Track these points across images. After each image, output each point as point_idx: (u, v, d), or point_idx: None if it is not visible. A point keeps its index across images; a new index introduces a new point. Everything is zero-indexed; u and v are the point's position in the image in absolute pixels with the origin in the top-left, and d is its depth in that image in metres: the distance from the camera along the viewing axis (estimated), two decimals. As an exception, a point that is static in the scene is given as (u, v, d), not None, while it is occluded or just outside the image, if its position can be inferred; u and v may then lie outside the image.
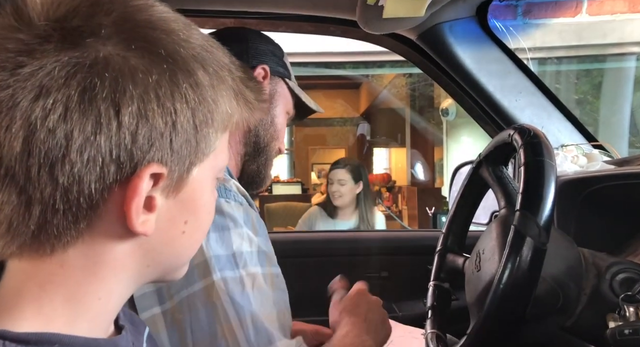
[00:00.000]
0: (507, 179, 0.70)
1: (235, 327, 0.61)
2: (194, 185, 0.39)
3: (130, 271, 0.39)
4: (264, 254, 0.68)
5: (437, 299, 0.75)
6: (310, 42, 2.88)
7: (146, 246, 0.38)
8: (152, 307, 0.63)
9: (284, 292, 0.71)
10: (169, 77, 0.35)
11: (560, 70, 3.31)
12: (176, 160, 0.37)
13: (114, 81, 0.33)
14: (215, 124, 0.38)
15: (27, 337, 0.33)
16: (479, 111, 1.18)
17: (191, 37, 0.38)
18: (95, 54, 0.33)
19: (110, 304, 0.39)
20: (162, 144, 0.35)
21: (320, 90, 6.36)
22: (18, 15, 0.34)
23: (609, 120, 3.19)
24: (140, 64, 0.34)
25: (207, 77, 0.38)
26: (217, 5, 1.04)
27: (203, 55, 0.38)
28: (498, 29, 1.17)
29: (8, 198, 0.33)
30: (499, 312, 0.53)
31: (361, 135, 7.18)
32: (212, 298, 0.62)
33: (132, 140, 0.34)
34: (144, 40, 0.35)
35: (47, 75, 0.32)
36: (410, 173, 6.07)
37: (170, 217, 0.39)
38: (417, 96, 5.79)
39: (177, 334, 0.62)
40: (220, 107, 0.39)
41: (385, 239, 1.56)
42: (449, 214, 0.80)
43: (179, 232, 0.40)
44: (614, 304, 0.55)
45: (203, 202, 0.41)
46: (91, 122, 0.33)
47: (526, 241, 0.52)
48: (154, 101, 0.35)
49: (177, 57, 0.36)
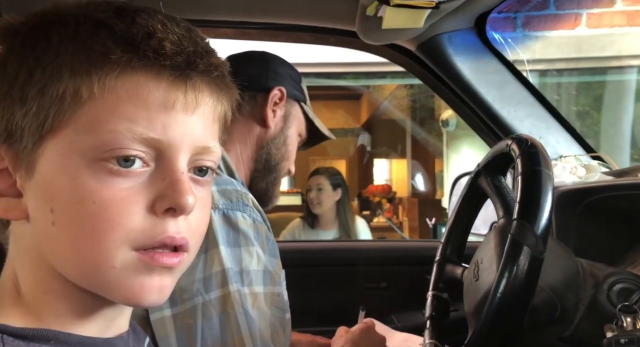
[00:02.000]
0: (505, 189, 0.70)
1: (245, 338, 0.63)
2: (46, 166, 0.35)
3: (28, 253, 0.37)
4: (269, 273, 0.70)
5: (436, 309, 0.75)
6: (311, 53, 2.90)
7: (30, 230, 0.37)
8: (163, 309, 0.64)
9: (282, 311, 0.73)
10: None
11: (559, 82, 3.32)
12: (17, 135, 0.35)
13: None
14: (66, 89, 0.34)
15: (24, 333, 0.34)
16: (478, 122, 1.19)
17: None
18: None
19: (53, 301, 0.37)
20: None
21: (321, 101, 6.38)
22: None
23: (609, 133, 3.20)
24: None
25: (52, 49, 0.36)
26: (217, 15, 1.05)
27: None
28: (497, 40, 1.17)
29: None
30: (496, 321, 0.53)
31: (362, 146, 7.19)
32: (227, 308, 0.64)
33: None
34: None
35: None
36: (410, 184, 6.06)
37: (35, 204, 0.36)
38: (418, 107, 5.81)
39: (186, 339, 0.63)
40: (66, 69, 0.35)
41: (384, 249, 1.55)
42: (448, 224, 0.80)
43: (48, 223, 0.35)
44: (611, 314, 0.55)
45: (68, 189, 0.35)
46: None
47: (523, 250, 0.51)
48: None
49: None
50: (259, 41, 1.02)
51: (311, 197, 2.31)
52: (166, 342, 0.63)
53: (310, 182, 2.36)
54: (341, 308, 0.93)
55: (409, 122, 6.13)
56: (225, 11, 1.04)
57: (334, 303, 1.34)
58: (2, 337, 0.33)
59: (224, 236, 0.67)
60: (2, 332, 0.33)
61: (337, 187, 2.34)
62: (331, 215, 2.32)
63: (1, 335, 0.33)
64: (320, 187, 2.30)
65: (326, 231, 2.32)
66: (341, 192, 2.33)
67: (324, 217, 2.31)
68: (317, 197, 2.29)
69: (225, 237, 0.67)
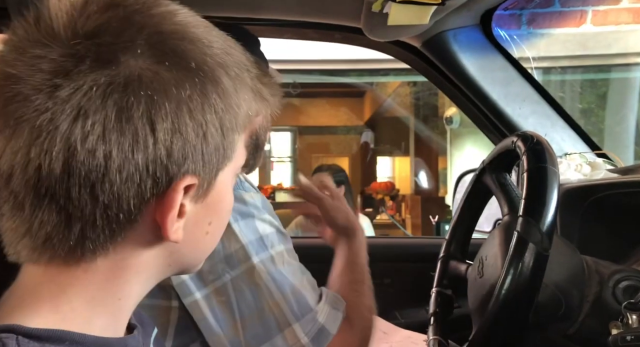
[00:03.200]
0: (510, 186, 0.70)
1: (280, 302, 0.68)
2: (219, 188, 0.40)
3: (153, 271, 0.40)
4: (281, 233, 0.75)
5: (440, 305, 0.75)
6: (315, 50, 2.89)
7: (171, 249, 0.39)
8: (193, 293, 0.68)
9: (297, 259, 0.79)
10: (199, 90, 0.36)
11: (564, 79, 3.31)
12: (207, 169, 0.37)
13: (149, 99, 0.34)
14: (238, 127, 0.39)
15: (39, 333, 0.34)
16: (482, 119, 1.19)
17: (213, 42, 0.38)
18: (130, 71, 0.33)
19: (128, 303, 0.39)
20: (194, 155, 0.36)
21: (325, 98, 6.38)
22: (43, 29, 0.34)
23: (614, 130, 3.19)
24: (172, 78, 0.35)
25: (231, 82, 0.38)
26: (222, 12, 1.05)
27: (225, 60, 0.38)
28: (502, 38, 1.17)
29: (48, 217, 0.34)
30: (501, 318, 0.53)
31: (365, 143, 7.18)
32: (255, 279, 0.68)
33: (167, 155, 0.35)
34: (174, 54, 0.35)
35: (85, 96, 0.32)
36: (414, 182, 6.06)
37: (196, 221, 0.39)
38: (422, 105, 5.80)
39: (224, 314, 0.67)
40: (242, 110, 0.39)
41: (388, 246, 1.55)
42: (452, 221, 0.80)
43: (203, 234, 0.41)
44: (616, 311, 0.55)
45: (226, 202, 0.42)
46: (128, 140, 0.33)
47: (529, 246, 0.52)
48: (187, 115, 0.35)
49: (205, 68, 0.36)
50: (264, 38, 1.02)
51: None
52: (205, 323, 0.67)
53: (313, 179, 2.37)
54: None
55: (412, 120, 6.12)
56: (231, 8, 1.04)
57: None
58: (17, 338, 0.32)
59: (236, 212, 0.71)
60: (15, 332, 0.33)
61: (341, 184, 2.34)
62: None
63: (16, 336, 0.33)
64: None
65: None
66: (344, 190, 2.34)
67: None
68: None
69: (237, 213, 0.71)
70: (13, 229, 0.35)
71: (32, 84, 0.33)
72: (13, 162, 0.33)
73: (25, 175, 0.33)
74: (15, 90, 0.33)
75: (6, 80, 0.33)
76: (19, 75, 0.33)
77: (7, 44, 0.35)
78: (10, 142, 0.33)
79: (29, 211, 0.34)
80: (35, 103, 0.32)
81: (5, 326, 0.33)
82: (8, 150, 0.33)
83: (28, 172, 0.33)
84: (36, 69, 0.33)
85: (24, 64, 0.33)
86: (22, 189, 0.34)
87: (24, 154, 0.33)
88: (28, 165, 0.33)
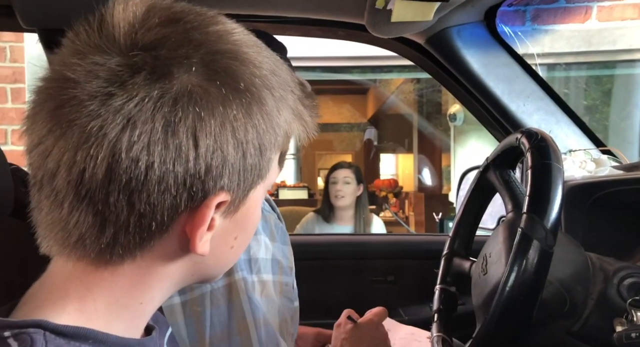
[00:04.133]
0: (514, 182, 0.70)
1: (250, 325, 0.65)
2: (249, 204, 0.41)
3: (176, 279, 0.40)
4: (277, 262, 0.72)
5: (443, 302, 0.75)
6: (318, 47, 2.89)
7: (196, 260, 0.40)
8: (173, 296, 0.66)
9: (290, 301, 0.74)
10: (245, 111, 0.36)
11: (569, 76, 3.29)
12: (241, 187, 0.38)
13: (196, 115, 0.34)
14: (276, 147, 0.40)
15: (65, 330, 0.35)
16: (486, 116, 1.18)
17: (263, 63, 0.39)
18: (181, 85, 0.34)
19: (149, 308, 0.40)
20: (231, 173, 0.37)
21: (328, 95, 6.37)
22: (105, 36, 0.35)
23: (618, 127, 3.17)
24: (221, 97, 0.35)
25: (274, 103, 0.39)
26: (225, 9, 1.05)
27: (272, 82, 0.39)
28: (506, 34, 1.17)
29: (85, 218, 0.35)
30: (505, 315, 0.53)
31: (368, 140, 7.17)
32: (233, 295, 0.66)
33: (206, 171, 0.35)
34: (225, 73, 0.36)
35: (135, 107, 0.33)
36: (417, 179, 6.05)
37: (223, 234, 0.40)
38: (425, 102, 5.78)
39: (194, 325, 0.65)
40: (282, 131, 0.40)
41: (392, 243, 1.55)
42: (456, 218, 0.80)
43: (229, 248, 0.42)
44: (621, 308, 0.55)
45: (254, 218, 0.43)
46: (171, 153, 0.34)
47: (533, 243, 0.51)
48: (230, 133, 0.36)
49: (253, 89, 0.37)
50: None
51: (337, 189, 2.27)
52: (176, 328, 0.65)
53: (335, 175, 2.31)
54: (348, 301, 0.94)
55: (415, 117, 6.11)
56: (233, 5, 1.04)
57: (341, 296, 1.34)
58: (44, 334, 0.34)
59: None
60: (43, 328, 0.34)
61: (360, 182, 2.32)
62: (350, 210, 2.29)
63: (43, 332, 0.33)
64: (347, 180, 2.27)
65: (342, 226, 2.29)
66: (362, 188, 2.32)
67: (342, 211, 2.28)
68: (342, 189, 2.26)
69: None
70: (49, 224, 0.37)
71: (88, 90, 0.34)
72: (59, 161, 0.34)
73: (69, 176, 0.34)
74: (72, 94, 0.34)
75: (64, 83, 0.35)
76: (77, 80, 0.34)
77: (69, 47, 0.36)
78: (59, 141, 0.34)
79: (67, 210, 0.35)
80: (89, 109, 0.34)
81: (34, 321, 0.34)
82: (56, 149, 0.34)
83: (72, 173, 0.34)
84: (93, 76, 0.34)
85: (82, 69, 0.34)
86: (64, 188, 0.35)
87: (71, 156, 0.34)
88: (73, 167, 0.34)
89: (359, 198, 2.30)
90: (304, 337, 0.95)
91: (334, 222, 2.29)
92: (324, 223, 2.30)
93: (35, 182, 0.36)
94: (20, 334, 0.33)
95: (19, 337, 0.33)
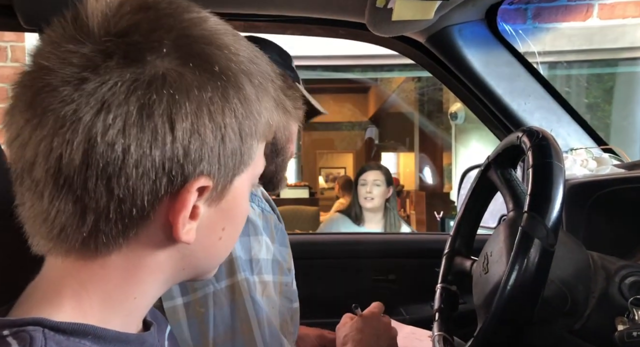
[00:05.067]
0: (515, 181, 0.70)
1: (253, 325, 0.65)
2: (234, 193, 0.40)
3: (167, 273, 0.40)
4: (277, 262, 0.72)
5: (445, 301, 0.75)
6: (319, 45, 2.88)
7: (184, 252, 0.40)
8: (175, 297, 0.66)
9: (290, 301, 0.74)
10: (221, 94, 0.36)
11: (570, 74, 3.29)
12: (222, 172, 0.38)
13: (170, 98, 0.34)
14: (258, 135, 0.40)
15: (64, 327, 0.35)
16: (487, 114, 1.18)
17: (240, 50, 0.39)
18: (154, 70, 0.34)
19: (143, 303, 0.40)
20: (211, 157, 0.37)
21: (329, 94, 6.36)
22: (79, 26, 0.35)
23: (620, 125, 3.17)
24: (196, 80, 0.35)
25: (254, 90, 0.39)
26: (226, 8, 1.05)
27: (250, 69, 0.39)
28: (507, 32, 1.16)
29: (64, 206, 0.35)
30: (506, 314, 0.53)
31: (369, 139, 7.17)
32: (236, 296, 0.66)
33: (184, 155, 0.35)
34: (199, 57, 0.36)
35: (109, 91, 0.33)
36: (418, 178, 6.04)
37: (210, 224, 0.40)
38: (426, 100, 5.77)
39: (198, 326, 0.65)
40: (263, 118, 0.40)
41: (393, 242, 1.56)
42: (457, 217, 0.80)
43: (217, 239, 0.41)
44: (622, 307, 0.55)
45: (241, 209, 0.43)
46: (147, 137, 0.34)
47: (534, 242, 0.51)
48: (206, 117, 0.36)
49: (229, 73, 0.37)
50: (268, 34, 1.02)
51: (367, 191, 2.24)
52: (179, 329, 0.65)
53: (365, 176, 2.28)
54: (350, 300, 0.94)
55: (416, 115, 6.10)
56: (235, 4, 1.04)
57: (342, 295, 1.34)
58: (43, 331, 0.33)
59: None
60: (42, 325, 0.34)
61: (390, 184, 2.29)
62: (379, 212, 2.26)
63: (42, 329, 0.34)
64: (377, 183, 2.24)
65: (370, 229, 2.25)
66: (392, 190, 2.29)
67: (370, 213, 2.25)
68: (372, 192, 2.23)
69: None
70: (33, 218, 0.37)
71: (62, 76, 0.34)
72: (37, 150, 0.34)
73: (47, 164, 0.34)
74: (46, 81, 0.34)
75: (39, 72, 0.35)
76: (50, 67, 0.34)
77: (44, 39, 0.36)
78: (36, 131, 0.34)
79: (47, 200, 0.35)
80: (62, 94, 0.34)
81: (32, 319, 0.34)
82: (33, 138, 0.34)
83: (49, 161, 0.34)
84: (67, 63, 0.34)
85: (56, 57, 0.35)
86: (42, 177, 0.35)
87: (48, 143, 0.34)
88: (50, 155, 0.34)
89: (387, 200, 2.27)
90: (306, 339, 0.96)
91: (363, 225, 2.26)
92: (352, 225, 2.26)
93: (17, 175, 0.36)
94: (19, 332, 0.33)
95: (18, 336, 0.33)
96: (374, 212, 2.26)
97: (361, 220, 2.26)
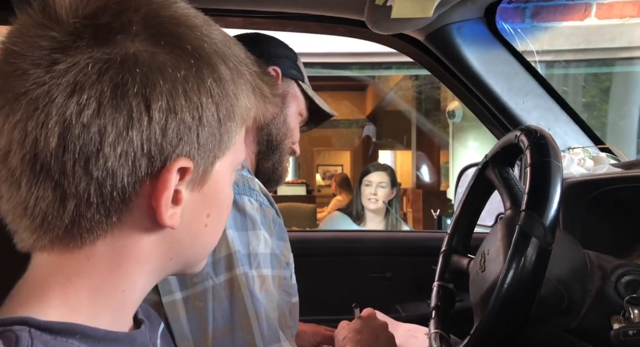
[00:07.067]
0: (513, 180, 0.70)
1: (252, 319, 0.65)
2: (216, 178, 0.40)
3: (154, 264, 0.40)
4: (276, 256, 0.71)
5: (441, 299, 0.75)
6: (317, 43, 2.88)
7: (170, 239, 0.39)
8: (174, 292, 0.66)
9: (288, 295, 0.74)
10: (195, 72, 0.36)
11: (568, 73, 3.29)
12: (202, 154, 0.38)
13: (144, 77, 0.34)
14: (237, 118, 0.40)
15: (51, 326, 0.34)
16: (485, 113, 1.18)
17: (211, 33, 0.39)
18: (126, 50, 0.34)
19: (133, 297, 0.40)
20: (190, 137, 0.36)
21: (327, 92, 6.35)
22: (47, 13, 0.35)
23: (617, 124, 3.18)
24: (168, 59, 0.35)
25: (228, 72, 0.38)
26: (226, 4, 1.05)
27: (224, 51, 0.39)
28: (506, 31, 1.16)
29: (43, 193, 0.34)
30: (502, 312, 0.53)
31: (367, 137, 7.17)
32: (235, 290, 0.66)
33: (162, 135, 0.35)
34: (170, 36, 0.36)
35: (81, 72, 0.33)
36: (415, 176, 6.05)
37: (194, 210, 0.40)
38: (424, 99, 5.78)
39: (197, 321, 0.65)
40: (241, 101, 0.39)
41: (390, 240, 1.56)
42: (454, 215, 0.80)
43: (202, 225, 0.41)
44: (618, 306, 0.55)
45: (224, 195, 0.42)
46: (123, 117, 0.34)
47: (531, 241, 0.52)
48: (182, 96, 0.35)
49: (202, 53, 0.37)
50: (268, 31, 1.02)
51: (371, 192, 2.22)
52: (178, 324, 0.64)
53: (370, 178, 2.25)
54: (346, 298, 0.94)
55: (414, 114, 6.10)
56: (234, 0, 1.04)
57: (339, 293, 1.34)
58: (29, 331, 0.33)
59: (231, 219, 0.68)
60: (28, 324, 0.33)
61: (394, 185, 2.26)
62: (380, 213, 2.25)
63: (29, 329, 0.33)
64: (382, 185, 2.22)
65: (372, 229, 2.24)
66: (396, 191, 2.27)
67: (372, 213, 2.23)
68: (377, 193, 2.21)
69: (232, 221, 0.68)
70: (12, 211, 0.36)
71: (32, 59, 0.33)
72: (11, 137, 0.34)
73: (22, 150, 0.33)
74: (15, 66, 0.34)
75: (7, 57, 0.34)
76: (19, 52, 0.34)
77: (12, 28, 0.36)
78: (8, 117, 0.34)
79: (25, 189, 0.34)
80: (33, 77, 0.33)
81: (19, 318, 0.34)
82: (7, 126, 0.34)
83: (25, 147, 0.33)
84: (36, 46, 0.34)
85: (24, 41, 0.34)
86: (18, 165, 0.34)
87: (22, 128, 0.33)
88: (25, 140, 0.33)
89: (390, 201, 2.25)
90: (302, 335, 0.96)
91: (364, 224, 2.24)
92: (352, 224, 2.24)
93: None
94: (5, 332, 0.32)
95: (4, 335, 0.32)
96: (376, 213, 2.25)
97: (362, 219, 2.25)
